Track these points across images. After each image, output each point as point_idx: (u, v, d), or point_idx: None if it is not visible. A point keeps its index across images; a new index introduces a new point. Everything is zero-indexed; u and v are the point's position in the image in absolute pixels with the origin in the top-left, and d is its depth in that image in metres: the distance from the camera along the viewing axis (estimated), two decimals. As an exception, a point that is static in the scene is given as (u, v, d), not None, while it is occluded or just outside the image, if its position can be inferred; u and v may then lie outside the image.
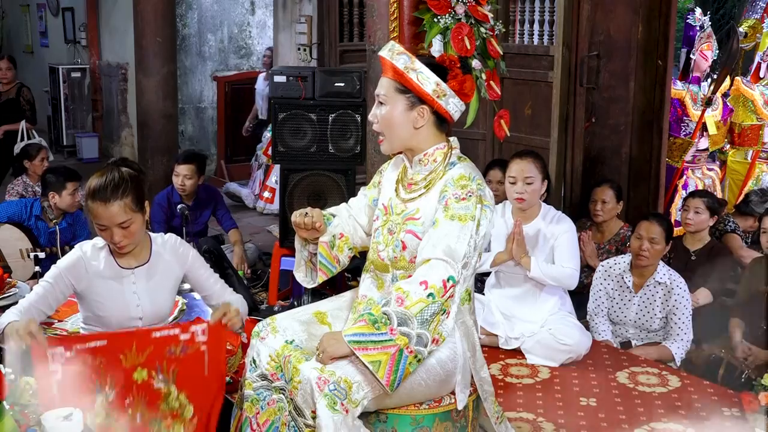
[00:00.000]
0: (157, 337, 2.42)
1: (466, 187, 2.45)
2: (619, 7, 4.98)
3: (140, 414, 2.37)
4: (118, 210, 2.57)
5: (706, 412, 3.37)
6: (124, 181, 2.59)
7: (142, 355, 2.38)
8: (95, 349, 2.33)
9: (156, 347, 2.40)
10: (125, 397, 2.36)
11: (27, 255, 4.52)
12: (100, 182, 2.58)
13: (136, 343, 2.39)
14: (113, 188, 2.56)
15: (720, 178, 6.44)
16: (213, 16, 8.92)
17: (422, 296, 2.32)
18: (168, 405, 2.43)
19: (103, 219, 2.58)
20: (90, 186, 2.61)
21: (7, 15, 13.03)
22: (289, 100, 4.44)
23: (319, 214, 2.65)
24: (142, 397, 2.38)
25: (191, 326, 2.48)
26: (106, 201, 2.56)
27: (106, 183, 2.57)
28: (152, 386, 2.39)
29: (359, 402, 2.31)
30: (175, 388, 2.44)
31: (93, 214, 2.61)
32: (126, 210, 2.58)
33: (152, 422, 2.40)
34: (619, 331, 4.18)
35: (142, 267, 2.76)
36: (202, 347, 2.48)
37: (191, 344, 2.45)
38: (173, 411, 2.43)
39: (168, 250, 2.82)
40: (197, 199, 5.32)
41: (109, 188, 2.56)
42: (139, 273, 2.75)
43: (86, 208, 2.66)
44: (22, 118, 6.92)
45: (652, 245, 4.01)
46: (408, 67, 2.48)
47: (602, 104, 5.09)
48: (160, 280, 2.79)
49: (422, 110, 2.51)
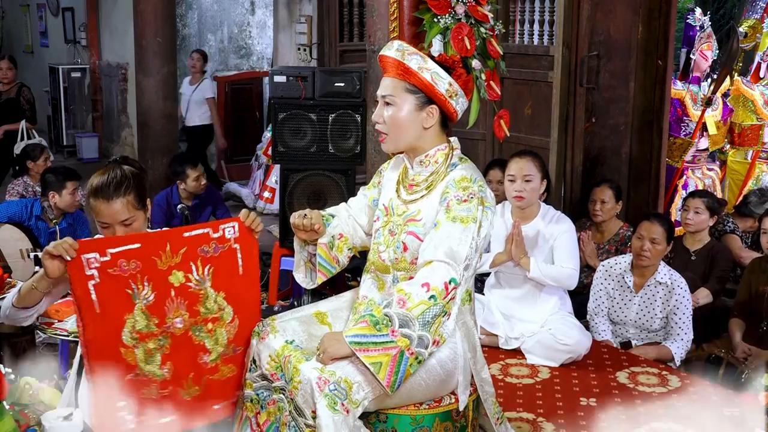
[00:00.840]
0: (189, 236, 2.38)
1: (468, 188, 2.45)
2: (619, 7, 4.98)
3: (181, 319, 2.36)
4: (120, 207, 2.56)
5: (706, 412, 3.36)
6: (127, 178, 2.58)
7: (177, 255, 2.35)
8: (129, 252, 2.28)
9: (189, 247, 2.37)
10: (164, 302, 2.35)
11: (27, 255, 4.52)
12: (102, 180, 2.57)
13: (170, 243, 2.35)
14: (116, 186, 2.55)
15: (720, 178, 6.44)
16: (213, 16, 8.92)
17: (424, 298, 2.32)
18: (206, 308, 2.42)
19: (105, 217, 2.57)
20: (92, 184, 2.59)
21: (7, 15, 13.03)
22: (289, 100, 4.44)
23: (318, 216, 2.65)
24: (181, 301, 2.37)
25: (220, 225, 2.45)
26: (109, 198, 2.55)
27: (108, 180, 2.56)
28: (189, 288, 2.37)
29: (359, 402, 2.31)
30: (213, 290, 2.42)
31: (95, 211, 2.59)
32: (129, 207, 2.56)
33: (193, 329, 2.40)
34: (619, 331, 4.18)
35: None
36: (234, 245, 2.46)
37: (223, 242, 2.43)
38: (212, 314, 2.43)
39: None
40: (198, 198, 5.33)
41: (112, 186, 2.55)
42: None
43: (88, 207, 2.64)
44: (22, 118, 6.92)
45: (653, 245, 4.01)
46: (422, 67, 2.47)
47: (602, 104, 5.09)
48: None
49: (432, 110, 2.51)
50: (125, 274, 2.29)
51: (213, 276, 2.42)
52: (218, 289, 2.44)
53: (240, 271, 2.49)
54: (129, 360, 2.31)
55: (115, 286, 2.27)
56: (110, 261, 2.26)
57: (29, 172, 5.66)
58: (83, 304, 2.24)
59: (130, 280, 2.30)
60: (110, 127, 9.63)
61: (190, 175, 5.27)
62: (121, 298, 2.28)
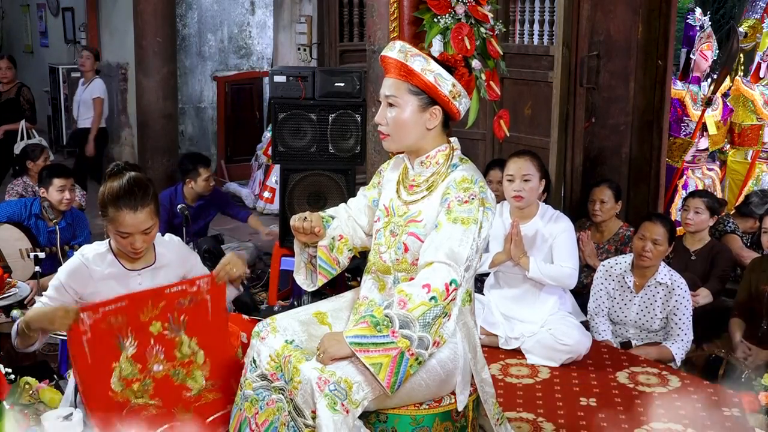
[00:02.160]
0: (170, 292, 2.62)
1: (469, 189, 2.45)
2: (619, 7, 4.98)
3: (160, 364, 2.60)
4: (145, 217, 2.55)
5: (706, 412, 3.37)
6: (147, 186, 2.59)
7: (157, 308, 2.59)
8: (117, 309, 2.52)
9: (168, 301, 2.61)
10: (145, 350, 2.57)
11: (27, 255, 4.51)
12: (124, 188, 2.54)
13: (152, 299, 2.58)
14: (142, 195, 2.55)
15: (720, 178, 6.44)
16: (213, 16, 8.91)
17: (425, 299, 2.31)
18: (182, 352, 2.64)
19: (129, 227, 2.55)
20: (111, 193, 2.55)
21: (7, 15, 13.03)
22: (289, 100, 4.44)
23: (318, 219, 2.65)
24: (159, 347, 2.60)
25: (197, 280, 2.69)
26: (135, 208, 2.53)
27: (131, 189, 2.54)
28: (166, 336, 2.61)
29: (359, 402, 2.31)
30: (187, 336, 2.64)
31: (117, 221, 2.55)
32: (151, 216, 2.58)
33: (172, 372, 2.62)
34: (619, 331, 4.18)
35: (148, 268, 2.73)
36: (206, 296, 2.69)
37: (197, 295, 2.67)
38: (187, 358, 2.65)
39: (171, 250, 2.81)
40: (203, 200, 5.34)
41: (138, 195, 2.54)
42: (145, 274, 2.72)
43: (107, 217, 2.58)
44: (22, 117, 6.92)
45: (654, 246, 4.01)
46: (425, 69, 2.46)
47: (602, 104, 5.09)
48: (164, 279, 2.76)
49: (435, 111, 2.50)
50: (113, 328, 2.52)
51: (187, 324, 2.65)
52: (191, 335, 2.66)
53: (209, 317, 2.71)
54: (121, 399, 2.53)
55: (104, 339, 2.50)
56: (101, 318, 2.49)
57: (29, 172, 5.66)
58: (78, 356, 2.46)
59: (117, 333, 2.52)
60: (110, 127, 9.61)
61: (201, 174, 5.23)
62: (109, 349, 2.52)
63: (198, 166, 5.26)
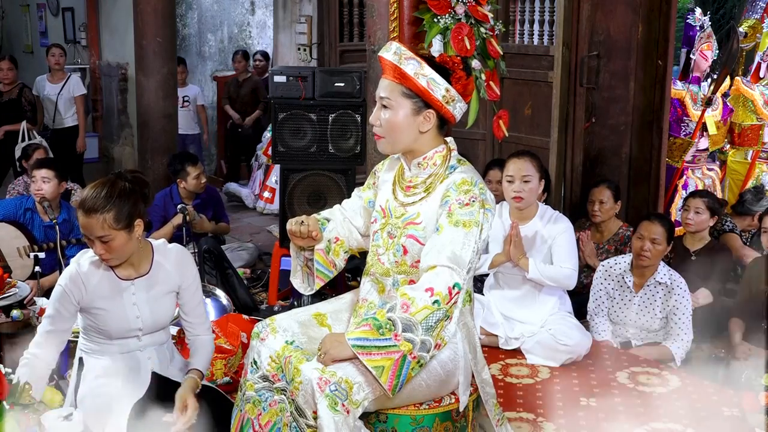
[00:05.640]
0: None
1: (469, 192, 2.44)
2: (619, 7, 4.98)
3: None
4: (95, 224, 2.54)
5: (706, 412, 3.37)
6: (111, 198, 2.55)
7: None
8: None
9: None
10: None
11: (26, 253, 4.51)
12: (85, 193, 2.58)
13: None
14: (94, 202, 2.54)
15: (720, 178, 6.43)
16: (213, 16, 8.92)
17: (428, 303, 2.31)
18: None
19: (82, 228, 2.59)
20: (81, 194, 2.62)
21: (7, 15, 13.02)
22: (289, 100, 4.44)
23: (315, 223, 2.64)
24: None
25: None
26: (85, 213, 2.55)
27: (90, 195, 2.56)
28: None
29: (360, 403, 2.31)
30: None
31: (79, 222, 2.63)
32: (104, 226, 2.54)
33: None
34: (619, 331, 4.18)
35: (142, 278, 2.71)
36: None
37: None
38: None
39: (171, 261, 2.76)
40: (199, 198, 5.32)
41: (89, 201, 2.55)
42: (139, 284, 2.70)
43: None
44: (23, 118, 6.92)
45: (653, 245, 4.01)
46: (418, 73, 2.45)
47: (602, 104, 5.09)
48: (161, 290, 2.74)
49: (429, 115, 2.49)
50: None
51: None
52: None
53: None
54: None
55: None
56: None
57: (28, 173, 5.65)
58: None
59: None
60: (110, 127, 9.61)
61: (190, 173, 5.18)
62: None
63: (186, 165, 5.23)
